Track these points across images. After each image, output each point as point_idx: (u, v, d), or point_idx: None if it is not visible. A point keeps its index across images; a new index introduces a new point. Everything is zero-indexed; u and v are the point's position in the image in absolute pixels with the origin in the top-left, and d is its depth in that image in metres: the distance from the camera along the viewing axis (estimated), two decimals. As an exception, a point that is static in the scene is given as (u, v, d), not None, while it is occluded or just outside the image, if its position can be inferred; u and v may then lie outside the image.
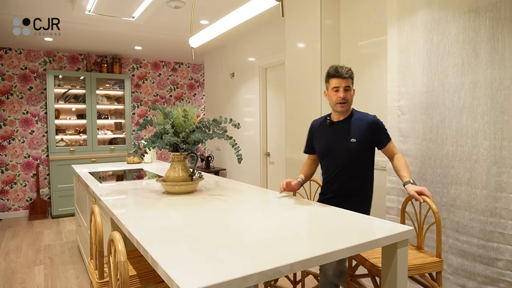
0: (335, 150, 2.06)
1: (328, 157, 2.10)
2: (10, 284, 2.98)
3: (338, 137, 2.07)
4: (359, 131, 2.03)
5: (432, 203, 1.75)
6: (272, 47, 4.07)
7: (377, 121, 2.05)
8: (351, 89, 2.04)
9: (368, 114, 2.09)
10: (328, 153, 2.10)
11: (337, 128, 2.09)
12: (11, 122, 5.22)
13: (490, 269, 1.97)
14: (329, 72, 2.06)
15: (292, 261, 1.10)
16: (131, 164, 3.97)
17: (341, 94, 2.00)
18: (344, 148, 2.03)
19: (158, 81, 6.28)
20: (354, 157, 2.02)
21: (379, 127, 2.04)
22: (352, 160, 2.02)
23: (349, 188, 2.04)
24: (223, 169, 5.22)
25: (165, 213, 1.73)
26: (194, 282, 0.96)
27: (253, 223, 1.54)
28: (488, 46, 1.92)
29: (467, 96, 2.03)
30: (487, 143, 1.95)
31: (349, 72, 2.02)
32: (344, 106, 2.02)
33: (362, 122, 2.04)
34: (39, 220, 5.12)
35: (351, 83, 2.03)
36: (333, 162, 2.08)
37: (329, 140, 2.11)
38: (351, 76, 2.03)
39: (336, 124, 2.10)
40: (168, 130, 2.05)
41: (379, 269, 1.68)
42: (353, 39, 2.92)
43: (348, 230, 1.43)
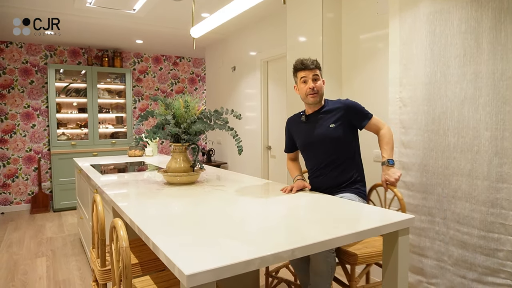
0: (317, 141, 2.05)
1: (311, 149, 2.10)
2: (12, 275, 3.00)
3: (316, 128, 2.06)
4: (335, 116, 2.03)
5: (397, 191, 1.93)
6: (273, 40, 4.06)
7: (350, 102, 2.06)
8: (320, 79, 2.04)
9: (340, 99, 2.10)
10: (311, 145, 2.09)
11: (314, 121, 2.08)
12: (13, 116, 5.22)
13: (491, 260, 1.97)
14: (295, 66, 2.06)
15: (293, 246, 1.10)
16: (132, 157, 3.98)
17: (310, 84, 2.00)
18: (324, 136, 2.02)
19: (159, 75, 6.28)
20: (337, 142, 2.01)
21: (353, 108, 2.04)
22: (336, 146, 2.01)
23: (339, 177, 2.02)
24: (225, 162, 5.23)
25: (166, 203, 1.74)
26: (196, 266, 0.96)
27: (255, 212, 1.55)
28: (490, 37, 1.92)
29: (469, 87, 2.02)
30: (489, 134, 1.95)
31: (315, 62, 2.02)
32: (316, 96, 2.02)
33: (336, 107, 2.04)
34: (41, 214, 5.14)
35: (319, 73, 2.03)
36: (317, 154, 2.07)
37: (308, 133, 2.09)
38: (317, 66, 2.02)
39: (312, 116, 2.10)
40: (170, 120, 2.05)
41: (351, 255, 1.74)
42: (355, 32, 2.91)
43: (349, 217, 1.44)
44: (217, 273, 0.96)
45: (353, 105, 2.04)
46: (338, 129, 2.00)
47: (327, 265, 1.69)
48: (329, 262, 1.69)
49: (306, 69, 2.00)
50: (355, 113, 2.03)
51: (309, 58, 2.03)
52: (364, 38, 2.84)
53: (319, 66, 2.04)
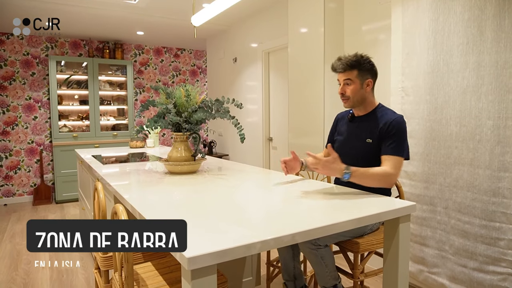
0: (350, 148, 1.87)
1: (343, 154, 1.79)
2: (16, 265, 3.02)
3: (355, 134, 1.87)
4: (376, 131, 1.76)
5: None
6: (275, 31, 4.04)
7: (395, 123, 1.71)
8: (353, 83, 1.78)
9: (392, 113, 1.79)
10: (343, 149, 1.87)
11: (357, 124, 1.88)
12: (14, 108, 5.23)
13: (492, 249, 1.97)
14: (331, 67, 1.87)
15: (294, 231, 1.10)
16: (134, 148, 3.98)
17: (339, 89, 1.82)
18: (358, 147, 1.82)
19: (161, 67, 6.26)
20: (369, 160, 1.75)
21: (391, 130, 1.70)
22: (367, 163, 1.72)
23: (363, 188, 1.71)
24: (226, 154, 5.23)
25: (168, 190, 1.74)
26: (197, 249, 0.97)
27: (256, 199, 1.55)
28: (494, 24, 1.90)
29: (472, 75, 2.01)
30: (491, 122, 1.94)
31: (346, 63, 1.75)
32: (347, 102, 1.82)
33: (382, 120, 1.76)
34: (44, 205, 5.16)
35: (353, 76, 1.77)
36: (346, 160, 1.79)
37: (347, 135, 1.92)
38: (349, 67, 1.76)
39: (357, 119, 1.89)
40: (170, 109, 2.05)
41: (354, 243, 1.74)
42: (357, 22, 2.89)
43: (351, 204, 1.43)
44: (218, 256, 0.97)
45: (395, 128, 1.70)
46: (373, 147, 1.76)
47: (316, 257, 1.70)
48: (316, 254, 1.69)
49: (336, 71, 1.81)
50: (387, 135, 1.71)
51: (344, 56, 1.78)
52: (366, 29, 2.81)
53: (354, 65, 1.75)
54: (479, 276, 2.03)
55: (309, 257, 1.74)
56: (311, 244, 1.68)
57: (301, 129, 3.21)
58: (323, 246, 1.69)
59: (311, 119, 3.09)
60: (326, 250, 1.72)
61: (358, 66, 1.77)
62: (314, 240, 1.67)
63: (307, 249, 1.70)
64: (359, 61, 1.77)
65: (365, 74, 1.79)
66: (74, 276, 2.79)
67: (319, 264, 1.72)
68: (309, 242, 1.68)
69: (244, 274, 2.37)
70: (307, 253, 1.73)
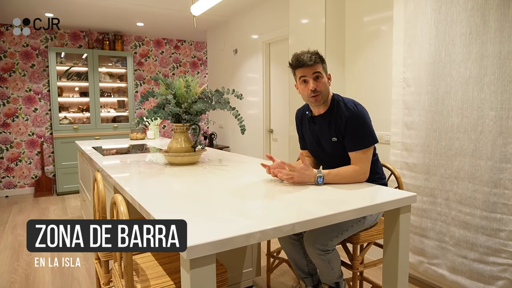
0: (322, 151, 1.81)
1: (318, 158, 1.88)
2: (17, 256, 3.04)
3: (321, 135, 1.78)
4: (339, 127, 1.69)
5: (394, 169, 1.96)
6: (276, 22, 4.00)
7: (350, 119, 1.65)
8: (323, 76, 1.68)
9: (349, 103, 1.70)
10: (316, 153, 1.86)
11: (319, 125, 1.79)
12: (14, 100, 5.21)
13: (492, 240, 1.97)
14: (290, 63, 1.71)
15: (294, 221, 1.10)
16: (134, 140, 3.98)
17: (310, 86, 1.66)
18: (329, 148, 1.76)
19: (161, 59, 6.23)
20: (344, 156, 1.70)
21: (349, 127, 1.65)
22: (342, 159, 1.70)
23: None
24: (226, 146, 5.22)
25: (167, 181, 1.73)
26: (196, 238, 0.96)
27: (256, 189, 1.54)
28: (497, 13, 1.87)
29: (474, 66, 1.99)
30: (493, 113, 1.92)
31: (313, 57, 1.65)
32: (318, 99, 1.69)
33: (342, 114, 1.68)
34: (45, 197, 5.18)
35: (321, 69, 1.67)
36: (325, 163, 1.85)
37: (313, 138, 1.84)
38: (316, 61, 1.65)
39: (317, 119, 1.79)
40: (170, 100, 2.03)
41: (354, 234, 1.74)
42: (359, 13, 2.85)
43: (352, 195, 1.43)
44: (217, 246, 0.96)
45: (357, 120, 1.65)
46: (340, 145, 1.72)
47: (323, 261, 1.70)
48: (324, 259, 1.68)
49: (303, 66, 1.66)
50: (352, 130, 1.66)
51: (307, 50, 1.68)
52: (368, 20, 2.78)
53: (321, 59, 1.68)
54: (479, 267, 2.03)
55: (316, 262, 1.73)
56: (320, 250, 1.66)
57: (301, 121, 3.19)
58: (331, 250, 1.68)
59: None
60: (334, 254, 1.70)
61: (322, 59, 1.69)
62: (323, 247, 1.66)
63: (315, 254, 1.68)
64: (319, 56, 1.68)
65: (326, 68, 1.73)
66: (75, 267, 2.80)
67: (325, 266, 1.72)
68: (317, 248, 1.67)
69: (245, 265, 2.38)
70: (314, 258, 1.71)
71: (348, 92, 2.97)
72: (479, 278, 2.03)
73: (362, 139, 1.65)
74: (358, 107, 1.69)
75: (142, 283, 1.26)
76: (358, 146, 1.65)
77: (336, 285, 1.79)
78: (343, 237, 1.70)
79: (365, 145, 1.65)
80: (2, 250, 3.16)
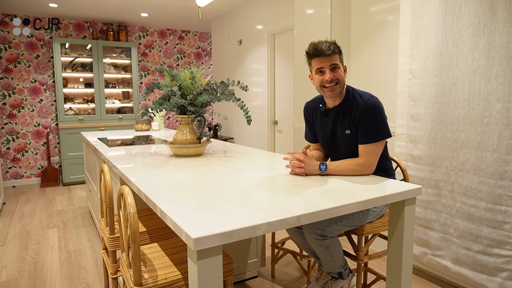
0: (334, 145, 1.81)
1: (332, 151, 1.87)
2: (26, 245, 3.08)
3: (334, 128, 1.78)
4: (353, 119, 1.69)
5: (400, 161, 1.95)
6: (281, 13, 3.97)
7: (365, 110, 1.64)
8: (340, 67, 1.67)
9: (364, 95, 1.69)
10: (330, 146, 1.85)
11: (333, 118, 1.78)
12: (20, 91, 5.24)
13: (497, 232, 1.97)
14: (307, 52, 1.69)
15: (299, 213, 1.11)
16: (139, 131, 3.99)
17: (327, 76, 1.64)
18: (341, 142, 1.77)
19: (165, 50, 6.21)
20: (354, 150, 1.73)
21: (363, 117, 1.64)
22: (353, 153, 1.73)
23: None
24: (231, 138, 5.23)
25: (173, 173, 1.75)
26: (203, 230, 0.97)
27: (262, 181, 1.55)
28: (506, 3, 1.84)
29: (482, 57, 1.97)
30: (500, 105, 1.91)
31: (332, 46, 1.63)
32: (335, 90, 1.67)
33: (357, 106, 1.68)
34: (51, 187, 5.23)
35: (338, 60, 1.66)
36: (336, 157, 1.84)
37: (327, 131, 1.83)
38: (335, 51, 1.64)
39: (331, 112, 1.78)
40: (175, 92, 2.04)
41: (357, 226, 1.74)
42: (365, 3, 2.82)
43: (357, 187, 1.43)
44: (224, 237, 0.97)
45: (370, 111, 1.64)
46: (352, 138, 1.72)
47: (320, 246, 1.70)
48: (321, 244, 1.69)
49: (321, 55, 1.64)
50: (364, 121, 1.66)
51: (325, 40, 1.67)
52: (374, 10, 2.75)
53: (338, 50, 1.67)
54: (483, 259, 2.03)
55: (314, 246, 1.74)
56: (316, 234, 1.67)
57: (306, 112, 3.18)
58: (329, 236, 1.68)
59: (316, 102, 3.06)
60: (333, 241, 1.70)
61: (339, 50, 1.69)
62: (320, 232, 1.66)
63: (312, 238, 1.70)
64: (337, 46, 1.67)
65: (342, 59, 1.72)
66: (83, 256, 2.84)
67: (323, 253, 1.73)
68: (314, 232, 1.67)
69: (249, 256, 2.40)
70: (312, 242, 1.72)
71: (353, 83, 2.96)
72: (482, 270, 2.04)
73: (374, 132, 1.64)
74: (374, 99, 1.68)
75: (149, 273, 1.28)
76: (367, 139, 1.65)
77: (339, 275, 1.81)
78: (343, 224, 1.68)
79: (376, 139, 1.64)
80: (10, 240, 3.21)
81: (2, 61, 5.10)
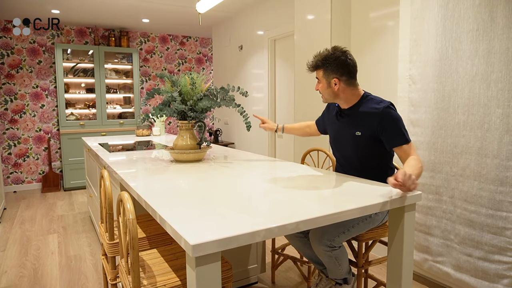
0: (342, 143, 1.89)
1: (337, 149, 1.95)
2: (26, 250, 3.08)
3: (344, 127, 1.87)
4: (366, 123, 1.75)
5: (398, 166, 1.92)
6: (281, 18, 3.99)
7: (388, 113, 1.70)
8: (320, 81, 1.84)
9: (381, 102, 1.76)
10: (336, 144, 1.94)
11: (345, 119, 1.87)
12: (22, 96, 5.26)
13: (498, 238, 1.96)
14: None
15: (298, 219, 1.10)
16: (140, 136, 4.00)
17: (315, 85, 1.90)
18: (349, 141, 1.83)
19: (166, 55, 6.24)
20: (364, 152, 1.78)
21: (389, 121, 1.69)
22: (362, 155, 1.79)
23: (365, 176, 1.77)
24: (232, 143, 5.24)
25: (173, 178, 1.75)
26: (202, 236, 0.97)
27: (261, 187, 1.55)
28: (506, 9, 1.85)
29: (481, 62, 1.97)
30: (500, 111, 1.91)
31: (314, 62, 1.81)
32: (323, 98, 1.90)
33: (371, 112, 1.74)
34: (52, 193, 5.23)
35: (321, 74, 1.81)
36: (342, 154, 1.92)
37: (337, 129, 1.93)
38: (317, 66, 1.81)
39: (344, 113, 1.88)
40: (176, 97, 2.04)
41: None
42: (365, 9, 2.84)
43: (356, 193, 1.43)
44: (223, 244, 0.97)
45: (391, 117, 1.69)
46: (363, 140, 1.76)
47: (330, 258, 1.71)
48: (331, 256, 1.70)
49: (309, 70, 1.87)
50: (388, 128, 1.70)
51: (316, 54, 1.83)
52: (374, 16, 2.77)
53: (319, 65, 1.80)
54: (484, 265, 2.02)
55: (323, 257, 1.74)
56: (326, 246, 1.68)
57: (307, 118, 3.19)
58: (337, 247, 1.69)
59: (317, 107, 3.07)
60: (341, 250, 1.71)
61: (323, 65, 1.78)
62: (330, 243, 1.67)
63: (322, 250, 1.70)
64: (326, 60, 1.76)
65: (330, 74, 1.78)
66: (83, 262, 2.84)
67: (332, 263, 1.73)
68: (324, 244, 1.68)
69: (250, 262, 2.39)
70: (321, 255, 1.72)
71: (354, 89, 2.96)
72: (484, 276, 2.03)
73: (405, 134, 1.70)
74: (390, 105, 1.74)
75: (148, 279, 1.28)
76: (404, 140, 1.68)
77: (343, 281, 1.80)
78: (350, 234, 1.70)
79: (409, 139, 1.70)
80: (10, 245, 3.21)
81: (5, 66, 5.14)
